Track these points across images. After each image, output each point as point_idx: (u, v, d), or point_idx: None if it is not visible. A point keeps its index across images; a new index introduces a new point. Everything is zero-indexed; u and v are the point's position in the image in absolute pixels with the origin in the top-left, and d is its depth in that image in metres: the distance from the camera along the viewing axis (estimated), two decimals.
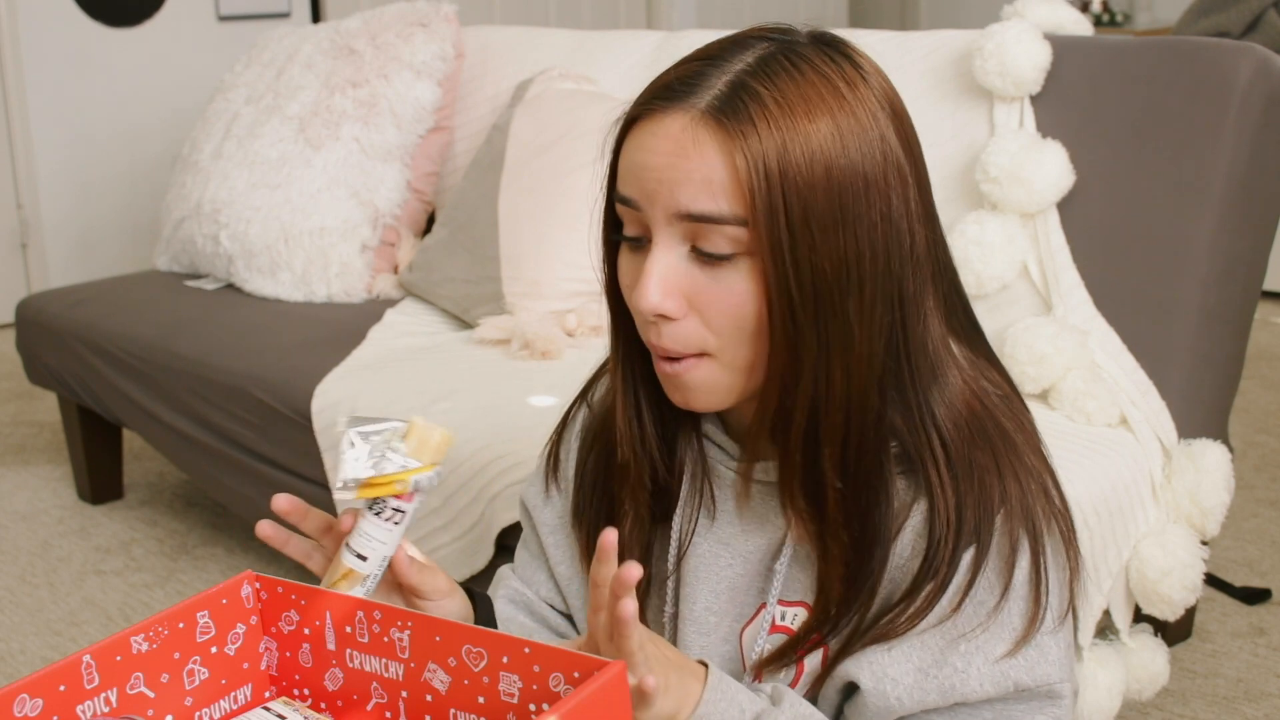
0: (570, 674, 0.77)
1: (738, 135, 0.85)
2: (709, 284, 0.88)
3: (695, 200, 0.86)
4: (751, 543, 1.00)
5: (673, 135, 0.87)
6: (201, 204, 2.64)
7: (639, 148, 0.89)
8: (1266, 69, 1.76)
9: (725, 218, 0.86)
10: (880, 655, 0.92)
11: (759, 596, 1.00)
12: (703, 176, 0.86)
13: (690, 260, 0.88)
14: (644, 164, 0.88)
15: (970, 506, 0.90)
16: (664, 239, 0.88)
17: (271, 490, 2.19)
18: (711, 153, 0.85)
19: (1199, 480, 1.70)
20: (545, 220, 2.26)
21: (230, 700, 0.90)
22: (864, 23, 6.49)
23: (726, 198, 0.85)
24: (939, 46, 2.03)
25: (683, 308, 0.88)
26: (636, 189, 0.89)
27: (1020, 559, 0.91)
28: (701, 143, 0.86)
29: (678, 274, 0.88)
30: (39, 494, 2.87)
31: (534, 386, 1.97)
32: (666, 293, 0.88)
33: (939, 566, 0.90)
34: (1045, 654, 0.91)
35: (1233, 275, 1.80)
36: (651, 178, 0.88)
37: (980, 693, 0.91)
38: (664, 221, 0.88)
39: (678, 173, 0.86)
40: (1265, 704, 1.92)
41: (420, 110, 2.58)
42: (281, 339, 2.30)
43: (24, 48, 4.15)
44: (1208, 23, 3.95)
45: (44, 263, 4.31)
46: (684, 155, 0.86)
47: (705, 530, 1.02)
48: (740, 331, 0.88)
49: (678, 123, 0.87)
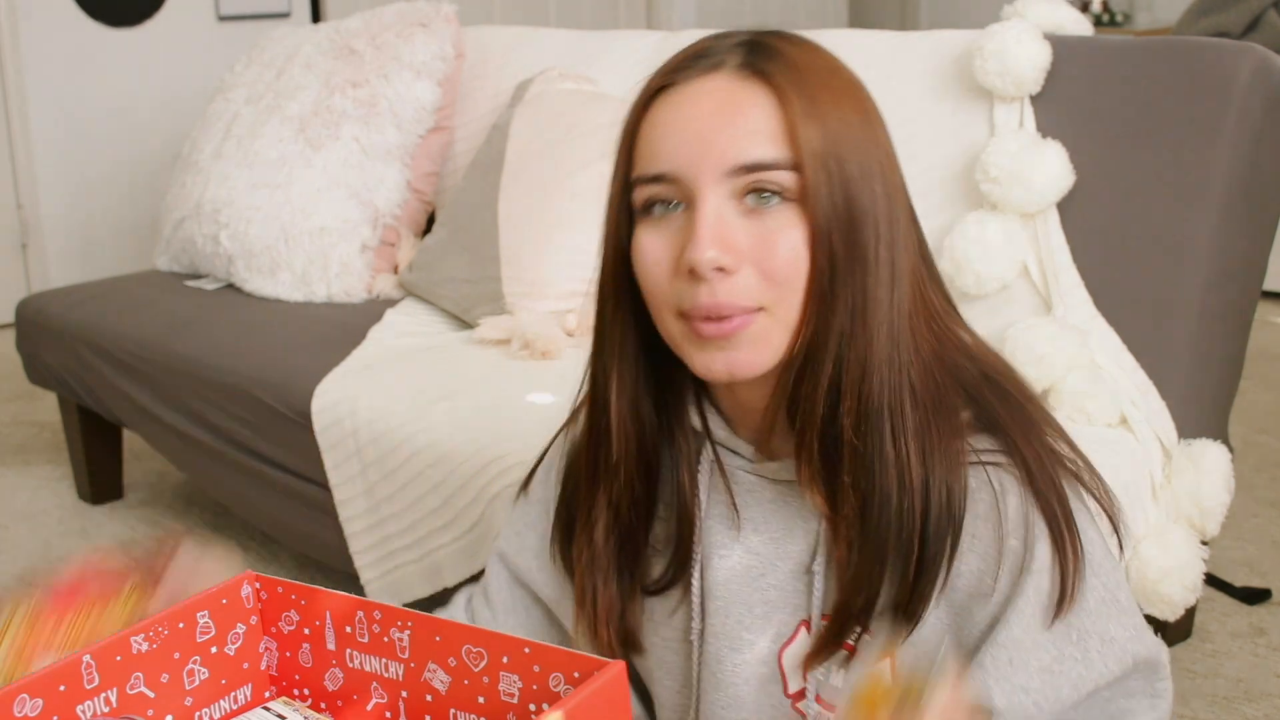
0: (570, 674, 0.77)
1: (783, 80, 0.87)
2: (762, 232, 0.87)
3: (748, 150, 0.86)
4: (782, 549, 0.97)
5: (715, 91, 0.88)
6: (201, 204, 2.64)
7: (674, 114, 0.89)
8: (1266, 69, 1.76)
9: (778, 162, 0.86)
10: (1003, 667, 0.89)
11: (796, 613, 0.97)
12: (753, 125, 0.86)
13: (738, 213, 0.87)
14: (683, 127, 0.88)
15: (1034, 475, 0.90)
16: (712, 194, 0.87)
17: (271, 490, 2.19)
18: (762, 97, 0.87)
19: (1199, 480, 1.70)
20: (545, 220, 2.26)
21: (230, 700, 0.90)
22: (864, 23, 6.49)
23: (776, 143, 0.87)
24: (939, 46, 2.03)
25: (738, 260, 0.87)
26: (673, 158, 0.88)
27: (1085, 529, 0.91)
28: (750, 90, 0.87)
29: (730, 226, 0.87)
30: (39, 494, 2.87)
31: (534, 386, 1.97)
32: (722, 244, 0.86)
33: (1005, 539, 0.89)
34: (1141, 619, 0.92)
35: (1233, 275, 1.80)
36: (695, 136, 0.87)
37: (1108, 673, 0.90)
38: (711, 180, 0.87)
39: (725, 127, 0.87)
40: (1265, 704, 1.92)
41: (420, 110, 2.58)
42: (281, 339, 2.30)
43: (24, 48, 4.15)
44: (1208, 23, 3.95)
45: (44, 263, 4.31)
46: (731, 108, 0.87)
47: (731, 541, 0.99)
48: (796, 278, 0.87)
49: (716, 80, 0.88)
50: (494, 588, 1.11)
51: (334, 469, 2.01)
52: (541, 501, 1.09)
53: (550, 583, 1.08)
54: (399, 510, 1.93)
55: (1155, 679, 0.93)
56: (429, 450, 1.87)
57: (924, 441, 0.89)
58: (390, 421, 1.93)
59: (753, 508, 0.98)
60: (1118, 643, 0.91)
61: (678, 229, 0.89)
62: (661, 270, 0.89)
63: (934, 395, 0.90)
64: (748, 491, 0.98)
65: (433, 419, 1.90)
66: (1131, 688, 0.92)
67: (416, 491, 1.89)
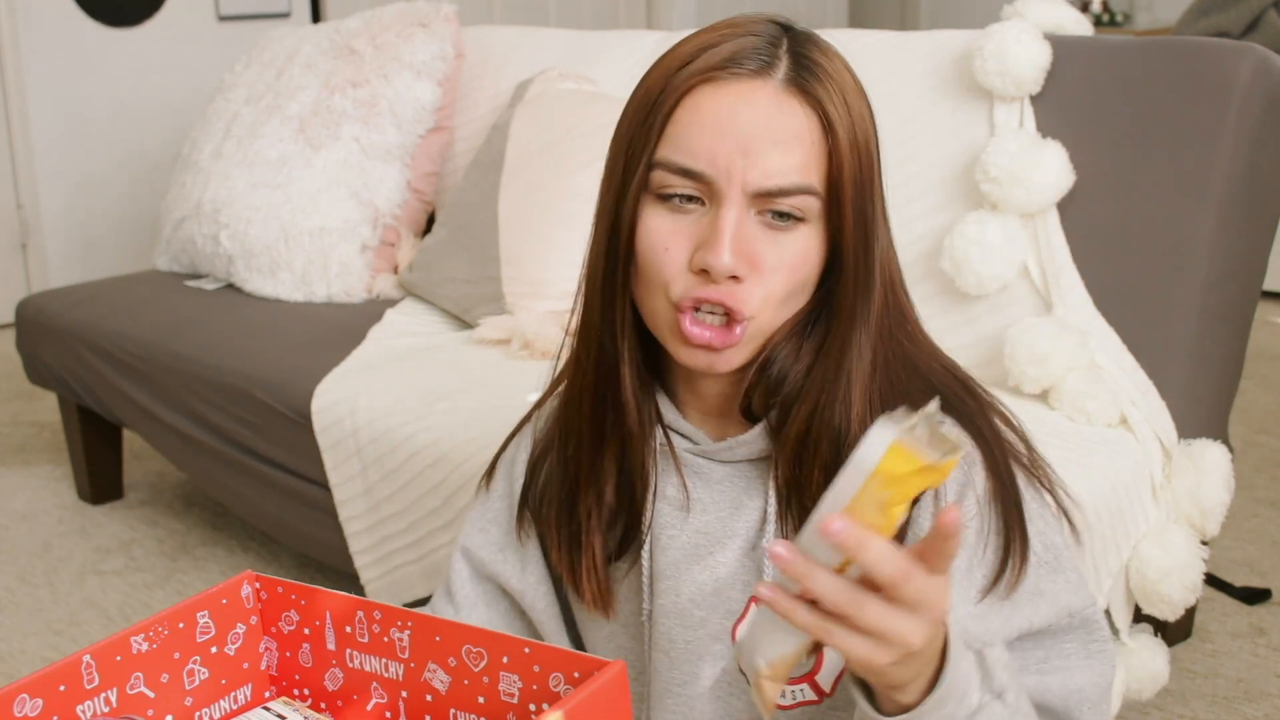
0: (570, 674, 0.77)
1: (826, 103, 0.88)
2: (774, 247, 0.89)
3: (786, 175, 0.88)
4: (729, 527, 0.99)
5: (761, 104, 0.88)
6: (201, 204, 2.64)
7: (716, 113, 0.88)
8: (1266, 69, 1.76)
9: (804, 189, 0.88)
10: None
11: (745, 589, 0.99)
12: (795, 149, 0.88)
13: (759, 224, 0.89)
14: (725, 131, 0.88)
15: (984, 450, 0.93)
16: (736, 202, 0.88)
17: (271, 490, 2.19)
18: (808, 123, 0.88)
19: (1199, 480, 1.70)
20: (545, 220, 2.27)
21: (230, 700, 0.90)
22: (864, 23, 6.49)
23: (811, 170, 0.88)
24: (939, 46, 2.03)
25: (750, 270, 0.89)
26: (709, 159, 0.88)
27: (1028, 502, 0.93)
28: (793, 113, 0.88)
29: (747, 237, 0.89)
30: (39, 494, 2.87)
31: (534, 386, 1.97)
32: (740, 254, 0.88)
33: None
34: (1080, 579, 0.94)
35: (1233, 275, 1.80)
36: (735, 146, 0.88)
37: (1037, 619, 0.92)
38: (739, 192, 0.88)
39: (768, 144, 0.87)
40: (1265, 704, 1.92)
41: (420, 110, 2.58)
42: (281, 339, 2.30)
43: (24, 48, 4.15)
44: (1208, 23, 3.95)
45: (44, 263, 4.31)
46: (778, 126, 0.88)
47: (681, 522, 1.00)
48: (792, 297, 0.91)
49: (763, 91, 0.88)
50: (456, 584, 1.11)
51: (334, 469, 2.01)
52: (504, 496, 1.10)
53: (517, 574, 1.08)
54: (399, 510, 1.93)
55: (1090, 638, 0.95)
56: (429, 450, 1.87)
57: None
58: (390, 421, 1.93)
59: (700, 489, 1.00)
60: (1047, 595, 0.93)
61: (694, 222, 0.90)
62: (670, 257, 0.91)
63: (899, 393, 0.93)
64: (696, 474, 1.00)
65: (433, 419, 1.90)
66: (1066, 648, 0.94)
67: (416, 491, 1.89)
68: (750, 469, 0.98)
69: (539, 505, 1.06)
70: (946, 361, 0.98)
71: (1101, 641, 0.96)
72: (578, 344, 1.01)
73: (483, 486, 1.13)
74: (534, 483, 1.07)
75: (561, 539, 1.03)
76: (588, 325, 0.99)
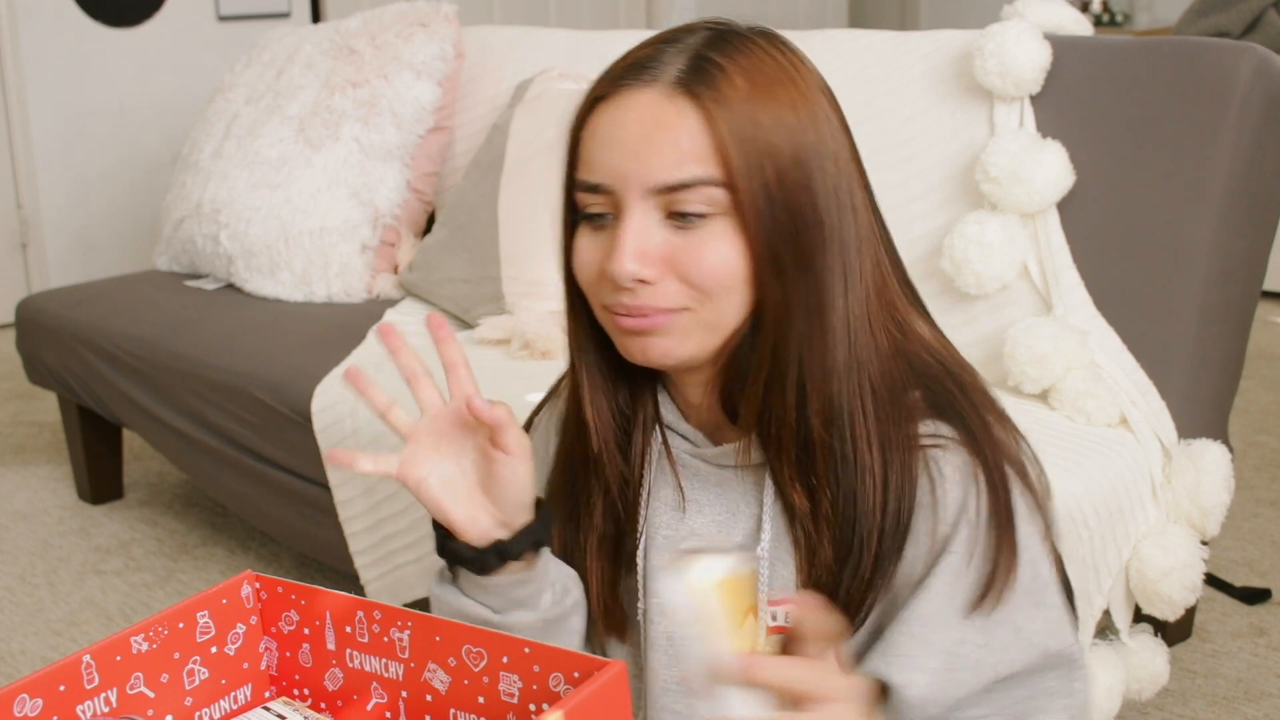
0: (570, 674, 0.77)
1: (712, 101, 0.88)
2: (687, 245, 0.89)
3: (672, 170, 0.88)
4: (726, 531, 0.99)
5: (646, 108, 0.89)
6: (201, 204, 2.64)
7: (608, 126, 0.91)
8: (1266, 69, 1.76)
9: (703, 180, 0.88)
10: (905, 642, 0.90)
11: None
12: (680, 143, 0.88)
13: (665, 226, 0.90)
14: (615, 141, 0.90)
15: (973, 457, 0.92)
16: (637, 209, 0.89)
17: (271, 490, 2.19)
18: (690, 118, 0.88)
19: (1199, 480, 1.70)
20: (545, 220, 2.26)
21: (230, 700, 0.90)
22: (864, 23, 6.49)
23: (704, 162, 0.88)
24: (939, 46, 2.03)
25: (660, 272, 0.90)
26: (605, 169, 0.90)
27: (1022, 524, 0.92)
28: (679, 110, 0.88)
29: (653, 240, 0.90)
30: (39, 494, 2.87)
31: (534, 386, 1.97)
32: (642, 258, 0.89)
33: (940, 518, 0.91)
34: (1062, 617, 0.93)
35: (1233, 275, 1.80)
36: (625, 153, 0.89)
37: (1010, 663, 0.91)
38: (638, 196, 0.89)
39: (653, 144, 0.88)
40: (1265, 704, 1.92)
41: (420, 110, 2.58)
42: (281, 339, 2.30)
43: (24, 48, 4.15)
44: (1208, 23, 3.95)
45: (44, 263, 4.31)
46: (660, 125, 0.88)
47: (676, 523, 1.01)
48: (724, 289, 0.90)
49: (647, 96, 0.89)
50: None
51: (334, 469, 2.01)
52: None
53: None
54: (399, 510, 1.93)
55: (1071, 678, 0.94)
56: None
57: (883, 436, 0.92)
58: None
59: (698, 490, 1.01)
60: (1025, 634, 0.91)
61: (608, 234, 0.92)
62: (590, 272, 0.93)
63: (890, 389, 0.93)
64: (693, 475, 1.01)
65: None
66: (1049, 686, 0.93)
67: None
68: (748, 474, 0.98)
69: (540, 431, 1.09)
70: (943, 355, 0.97)
71: (1082, 681, 0.94)
72: (568, 365, 1.03)
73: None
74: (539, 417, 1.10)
75: (573, 560, 1.05)
76: (569, 349, 1.01)
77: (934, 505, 0.91)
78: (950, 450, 0.92)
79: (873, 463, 0.91)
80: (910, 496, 0.91)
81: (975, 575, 0.90)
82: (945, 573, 0.90)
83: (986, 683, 0.91)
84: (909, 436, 0.92)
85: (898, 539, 0.91)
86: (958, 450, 0.92)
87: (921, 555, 0.91)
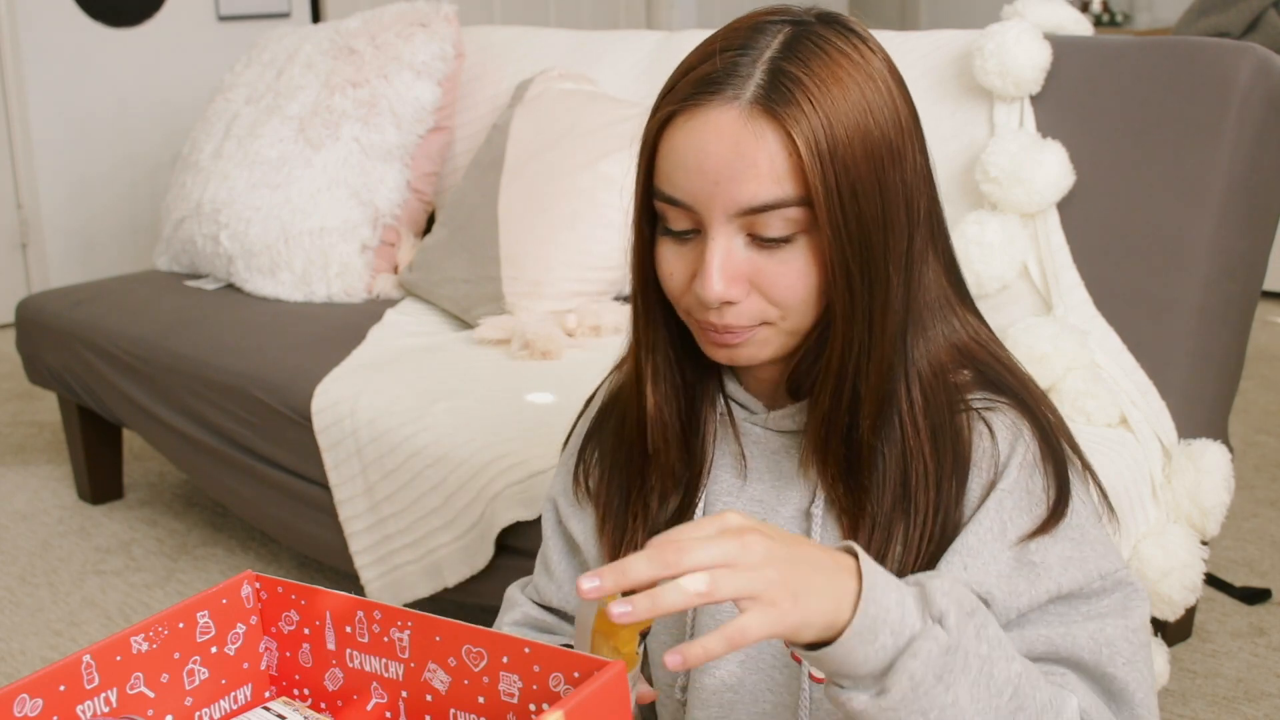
0: (570, 674, 0.77)
1: (790, 120, 0.88)
2: (769, 264, 0.91)
3: (757, 194, 0.89)
4: (783, 495, 1.01)
5: (725, 131, 0.89)
6: (201, 204, 2.64)
7: (688, 146, 0.90)
8: (1266, 69, 1.76)
9: (785, 201, 0.89)
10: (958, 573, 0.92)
11: None
12: (762, 167, 0.88)
13: (748, 246, 0.91)
14: (697, 164, 0.90)
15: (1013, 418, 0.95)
16: (721, 232, 0.91)
17: (271, 490, 2.19)
18: (770, 141, 0.88)
19: (1199, 480, 1.70)
20: (545, 220, 2.26)
21: (230, 700, 0.90)
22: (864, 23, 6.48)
23: (785, 183, 0.89)
24: (939, 46, 2.03)
25: (744, 291, 0.92)
26: (687, 189, 0.91)
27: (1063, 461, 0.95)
28: (759, 134, 0.88)
29: (737, 261, 0.91)
30: (39, 494, 2.87)
31: (534, 387, 1.97)
32: (730, 280, 0.91)
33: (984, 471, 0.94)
34: (1110, 545, 0.95)
35: (1233, 275, 1.80)
36: (708, 177, 0.89)
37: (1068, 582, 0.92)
38: (722, 218, 0.90)
39: (736, 169, 0.89)
40: (1265, 704, 1.92)
41: (420, 110, 2.58)
42: (281, 339, 2.30)
43: (24, 48, 4.15)
44: (1208, 23, 3.95)
45: (44, 263, 4.31)
46: (742, 149, 0.88)
47: (737, 491, 1.03)
48: (802, 302, 0.92)
49: (728, 115, 0.89)
50: (547, 529, 1.16)
51: (334, 469, 2.01)
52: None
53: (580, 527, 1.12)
54: (399, 510, 1.93)
55: (1128, 600, 0.95)
56: (429, 450, 1.87)
57: (933, 422, 0.94)
58: (390, 421, 1.93)
59: (758, 458, 1.03)
60: (1076, 559, 0.93)
61: (692, 248, 0.93)
62: (676, 282, 0.95)
63: (939, 373, 0.96)
64: (754, 443, 1.03)
65: (433, 419, 1.90)
66: (1102, 607, 0.94)
67: (416, 491, 1.89)
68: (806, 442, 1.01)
69: (591, 477, 1.10)
70: (991, 345, 1.00)
71: (1140, 601, 0.95)
72: (628, 351, 1.05)
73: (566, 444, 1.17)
74: (588, 455, 1.11)
75: (609, 530, 1.07)
76: (633, 334, 1.03)
77: (987, 459, 0.94)
78: (1000, 409, 0.95)
79: (922, 446, 0.94)
80: (964, 462, 0.94)
81: (1027, 515, 0.93)
82: (994, 506, 0.92)
83: (1045, 598, 0.92)
84: (958, 405, 0.95)
85: (952, 506, 0.94)
86: (1006, 409, 0.95)
87: (973, 503, 0.94)
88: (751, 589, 0.75)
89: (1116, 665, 0.92)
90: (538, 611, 1.16)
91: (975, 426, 0.95)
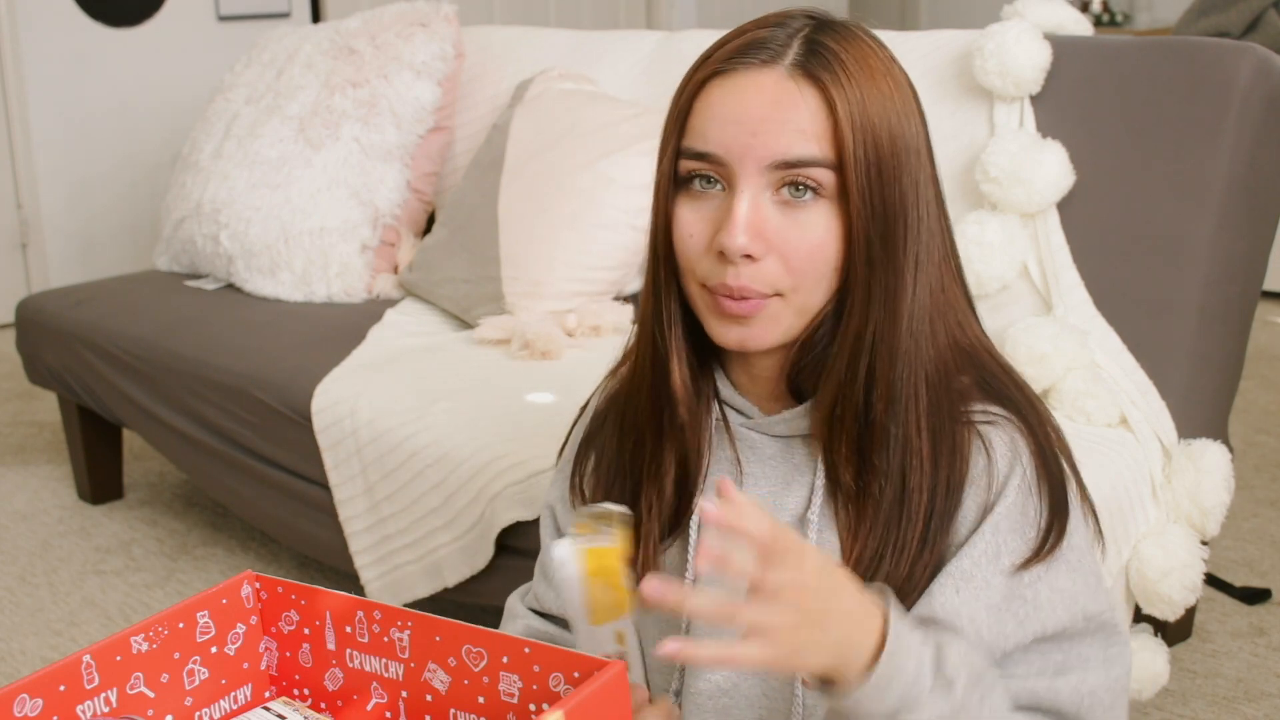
0: (570, 674, 0.77)
1: (831, 84, 0.91)
2: (790, 226, 0.93)
3: (792, 146, 0.91)
4: (780, 501, 1.01)
5: (767, 87, 0.92)
6: (201, 204, 2.64)
7: (726, 100, 0.93)
8: (1266, 69, 1.76)
9: (819, 161, 0.91)
10: (950, 597, 0.93)
11: None
12: (802, 122, 0.91)
13: (773, 205, 0.93)
14: (736, 115, 0.92)
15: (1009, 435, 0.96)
16: (750, 184, 0.92)
17: (271, 490, 2.19)
18: (811, 100, 0.91)
19: (1199, 480, 1.70)
20: (545, 220, 2.26)
21: (230, 700, 0.90)
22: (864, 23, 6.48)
23: (822, 142, 0.91)
24: (939, 46, 2.03)
25: (765, 248, 0.93)
26: (721, 141, 0.93)
27: (1062, 484, 0.96)
28: (800, 90, 0.91)
29: (762, 217, 0.93)
30: (39, 494, 2.87)
31: (534, 387, 1.97)
32: (753, 233, 0.92)
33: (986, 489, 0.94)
34: (1100, 583, 0.96)
35: (1233, 275, 1.80)
36: (745, 128, 0.92)
37: (1055, 621, 0.93)
38: (754, 171, 0.92)
39: (776, 121, 0.91)
40: (1265, 704, 1.92)
41: (420, 110, 2.58)
42: (281, 339, 2.30)
43: (24, 48, 4.15)
44: (1208, 23, 3.95)
45: (44, 263, 4.31)
46: (782, 105, 0.91)
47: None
48: (817, 273, 0.94)
49: (769, 76, 0.92)
50: (545, 538, 1.17)
51: (334, 469, 2.01)
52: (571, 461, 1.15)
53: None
54: (399, 510, 1.93)
55: (1109, 644, 0.96)
56: (429, 450, 1.87)
57: (933, 422, 0.95)
58: (390, 421, 1.93)
59: (754, 463, 1.03)
60: (1068, 593, 0.94)
61: (715, 207, 0.95)
62: (695, 243, 0.96)
63: (942, 374, 0.96)
64: (750, 448, 1.03)
65: (433, 419, 1.90)
66: (1085, 652, 0.95)
67: (416, 491, 1.89)
68: (801, 445, 1.01)
69: (587, 483, 1.10)
70: (991, 348, 1.02)
71: (1120, 647, 0.97)
72: (637, 337, 1.06)
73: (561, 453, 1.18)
74: (584, 461, 1.11)
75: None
76: (644, 319, 1.04)
77: (984, 477, 0.95)
78: (999, 425, 0.96)
79: (921, 446, 0.95)
80: (960, 475, 0.95)
81: (1020, 539, 0.94)
82: (989, 531, 0.93)
83: (1031, 637, 0.94)
84: (959, 414, 0.96)
85: (945, 519, 0.95)
86: (1006, 424, 0.96)
87: (969, 524, 0.95)
88: (769, 642, 0.79)
89: (1095, 715, 0.94)
90: (539, 623, 1.16)
91: (974, 442, 0.95)
